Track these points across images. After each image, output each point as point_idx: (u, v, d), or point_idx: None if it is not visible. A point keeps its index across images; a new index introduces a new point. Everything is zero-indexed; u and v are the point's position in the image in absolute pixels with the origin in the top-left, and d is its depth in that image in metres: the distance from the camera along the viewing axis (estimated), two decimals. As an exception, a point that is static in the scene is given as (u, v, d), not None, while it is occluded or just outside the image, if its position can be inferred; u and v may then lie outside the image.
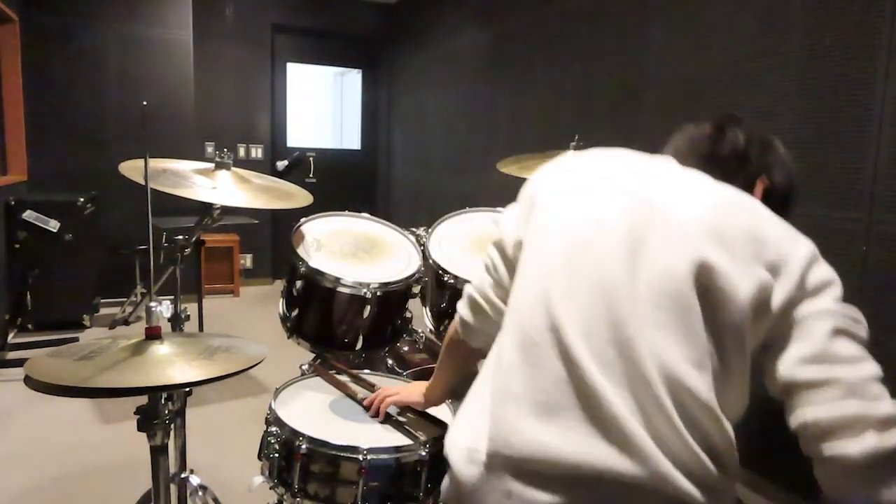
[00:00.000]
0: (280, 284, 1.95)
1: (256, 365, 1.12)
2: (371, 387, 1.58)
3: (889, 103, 2.07)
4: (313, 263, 1.71)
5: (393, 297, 1.76)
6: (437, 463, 1.36)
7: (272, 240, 5.85)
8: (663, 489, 0.83)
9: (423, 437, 1.35)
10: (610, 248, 0.90)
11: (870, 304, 2.11)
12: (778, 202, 1.04)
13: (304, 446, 1.31)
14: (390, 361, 1.98)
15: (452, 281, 1.75)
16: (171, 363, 1.09)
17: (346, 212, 2.00)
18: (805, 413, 0.86)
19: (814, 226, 2.35)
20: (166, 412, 1.22)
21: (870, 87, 2.12)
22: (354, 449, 1.29)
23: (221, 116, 5.56)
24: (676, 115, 2.92)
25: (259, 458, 1.41)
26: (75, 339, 3.98)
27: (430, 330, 1.85)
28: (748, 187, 1.05)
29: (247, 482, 1.45)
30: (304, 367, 1.93)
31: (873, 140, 2.11)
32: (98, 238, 4.48)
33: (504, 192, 0.86)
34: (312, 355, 1.96)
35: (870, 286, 2.11)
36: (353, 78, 6.62)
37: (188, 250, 1.70)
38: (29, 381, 0.98)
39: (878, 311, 2.08)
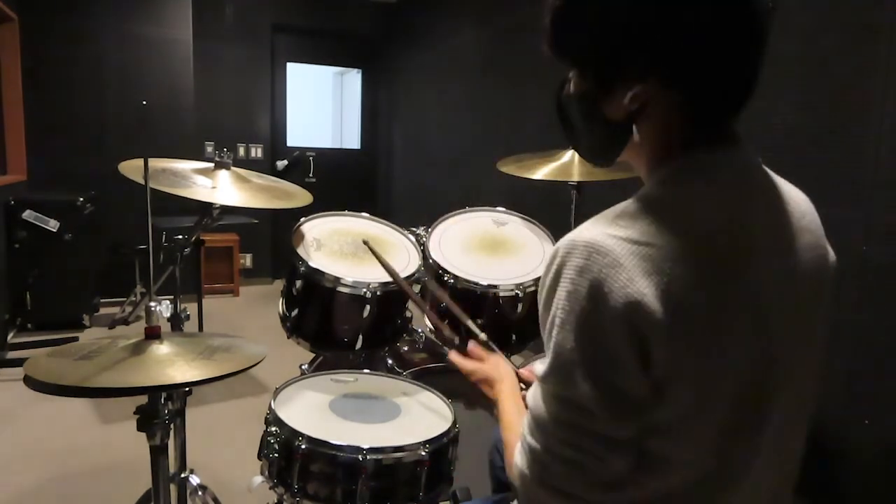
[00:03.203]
0: (280, 284, 1.95)
1: (256, 365, 1.12)
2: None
3: (889, 103, 2.07)
4: (313, 263, 1.70)
5: (393, 297, 1.75)
6: (437, 463, 1.36)
7: (272, 239, 5.85)
8: None
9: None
10: None
11: (870, 303, 2.11)
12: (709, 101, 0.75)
13: (303, 446, 1.31)
14: (390, 361, 1.98)
15: (452, 281, 1.75)
16: (170, 363, 1.08)
17: (346, 211, 2.00)
18: None
19: (814, 225, 2.35)
20: (166, 412, 1.22)
21: (869, 86, 2.12)
22: (354, 449, 1.29)
23: (221, 116, 5.56)
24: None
25: (259, 457, 1.41)
26: (75, 339, 3.98)
27: (430, 330, 1.85)
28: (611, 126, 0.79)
29: (246, 482, 1.45)
30: (303, 367, 1.93)
31: (873, 139, 2.11)
32: (98, 238, 4.47)
33: (504, 192, 0.85)
34: (312, 355, 1.97)
35: (870, 286, 2.11)
36: (352, 77, 6.62)
37: (188, 250, 1.70)
38: (28, 380, 0.98)
39: (879, 311, 2.08)
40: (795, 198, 0.83)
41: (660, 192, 0.75)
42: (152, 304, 1.17)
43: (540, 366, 0.75)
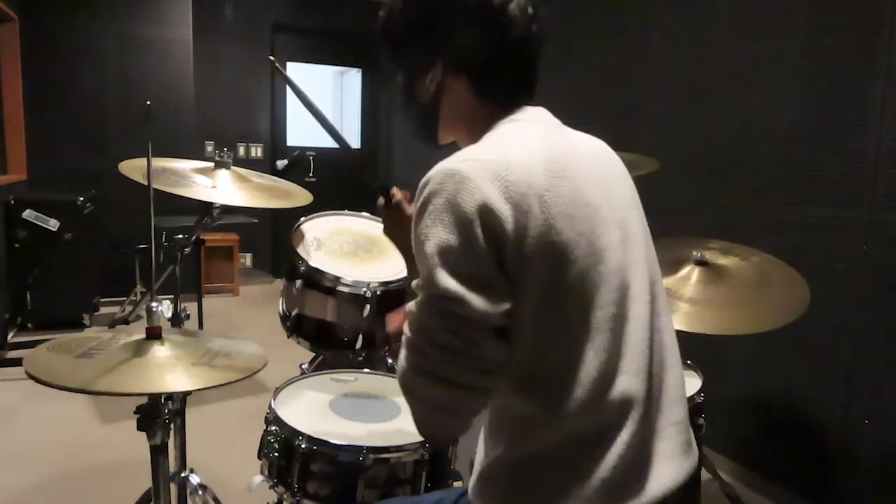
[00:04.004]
0: (280, 283, 1.96)
1: (256, 373, 1.11)
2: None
3: (889, 103, 2.07)
4: (313, 263, 1.71)
5: (393, 297, 1.76)
6: (437, 463, 1.36)
7: (272, 239, 5.85)
8: None
9: None
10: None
11: (870, 303, 2.11)
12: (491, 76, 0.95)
13: (303, 445, 1.31)
14: (390, 361, 1.98)
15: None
16: (170, 367, 1.08)
17: (346, 211, 2.00)
18: None
19: (814, 225, 2.35)
20: (166, 412, 1.22)
21: (869, 86, 2.12)
22: (354, 448, 1.29)
23: (221, 116, 5.56)
24: (677, 114, 2.92)
25: (259, 457, 1.41)
26: (75, 339, 3.98)
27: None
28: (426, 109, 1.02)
29: (246, 481, 1.45)
30: (303, 367, 1.93)
31: (873, 139, 2.11)
32: (98, 237, 4.47)
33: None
34: (312, 355, 1.97)
35: (870, 285, 2.11)
36: (353, 77, 6.62)
37: (188, 249, 1.70)
38: (28, 375, 0.98)
39: (879, 311, 2.08)
40: (593, 139, 1.02)
41: (488, 134, 0.93)
42: (153, 304, 1.17)
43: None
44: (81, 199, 4.20)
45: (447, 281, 0.79)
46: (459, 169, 0.82)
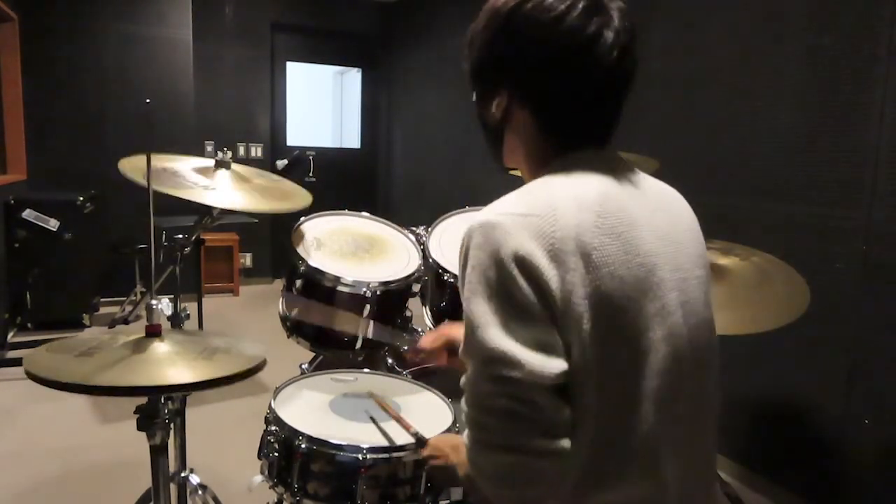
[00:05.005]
0: (280, 283, 1.96)
1: (258, 370, 1.11)
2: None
3: (889, 103, 2.07)
4: (313, 262, 1.70)
5: (393, 296, 1.76)
6: (437, 462, 1.36)
7: (272, 239, 5.85)
8: None
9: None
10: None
11: (870, 303, 2.11)
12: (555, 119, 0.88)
13: (303, 445, 1.31)
14: (390, 361, 1.98)
15: (452, 280, 1.75)
16: (170, 363, 1.08)
17: (346, 211, 2.00)
18: None
19: (814, 225, 2.35)
20: (166, 411, 1.22)
21: (869, 86, 2.12)
22: (354, 448, 1.29)
23: (221, 115, 5.56)
24: (677, 114, 2.92)
25: (259, 457, 1.41)
26: (75, 339, 3.98)
27: (430, 329, 1.85)
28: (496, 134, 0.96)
29: (246, 481, 1.45)
30: (303, 367, 1.93)
31: (873, 139, 2.11)
32: (98, 237, 4.47)
33: (504, 192, 0.85)
34: (312, 355, 1.97)
35: (870, 286, 2.11)
36: (352, 77, 6.62)
37: (188, 249, 1.70)
38: (28, 374, 0.98)
39: (879, 311, 2.08)
40: (665, 188, 0.96)
41: (539, 180, 0.86)
42: (153, 302, 1.17)
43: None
44: (81, 199, 4.20)
45: (500, 340, 0.75)
46: (502, 223, 0.78)
